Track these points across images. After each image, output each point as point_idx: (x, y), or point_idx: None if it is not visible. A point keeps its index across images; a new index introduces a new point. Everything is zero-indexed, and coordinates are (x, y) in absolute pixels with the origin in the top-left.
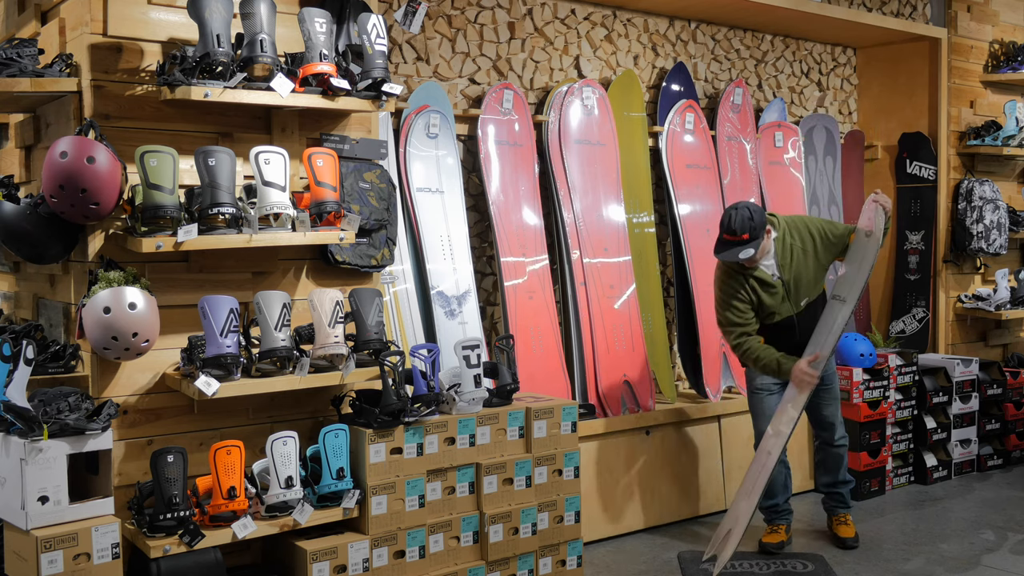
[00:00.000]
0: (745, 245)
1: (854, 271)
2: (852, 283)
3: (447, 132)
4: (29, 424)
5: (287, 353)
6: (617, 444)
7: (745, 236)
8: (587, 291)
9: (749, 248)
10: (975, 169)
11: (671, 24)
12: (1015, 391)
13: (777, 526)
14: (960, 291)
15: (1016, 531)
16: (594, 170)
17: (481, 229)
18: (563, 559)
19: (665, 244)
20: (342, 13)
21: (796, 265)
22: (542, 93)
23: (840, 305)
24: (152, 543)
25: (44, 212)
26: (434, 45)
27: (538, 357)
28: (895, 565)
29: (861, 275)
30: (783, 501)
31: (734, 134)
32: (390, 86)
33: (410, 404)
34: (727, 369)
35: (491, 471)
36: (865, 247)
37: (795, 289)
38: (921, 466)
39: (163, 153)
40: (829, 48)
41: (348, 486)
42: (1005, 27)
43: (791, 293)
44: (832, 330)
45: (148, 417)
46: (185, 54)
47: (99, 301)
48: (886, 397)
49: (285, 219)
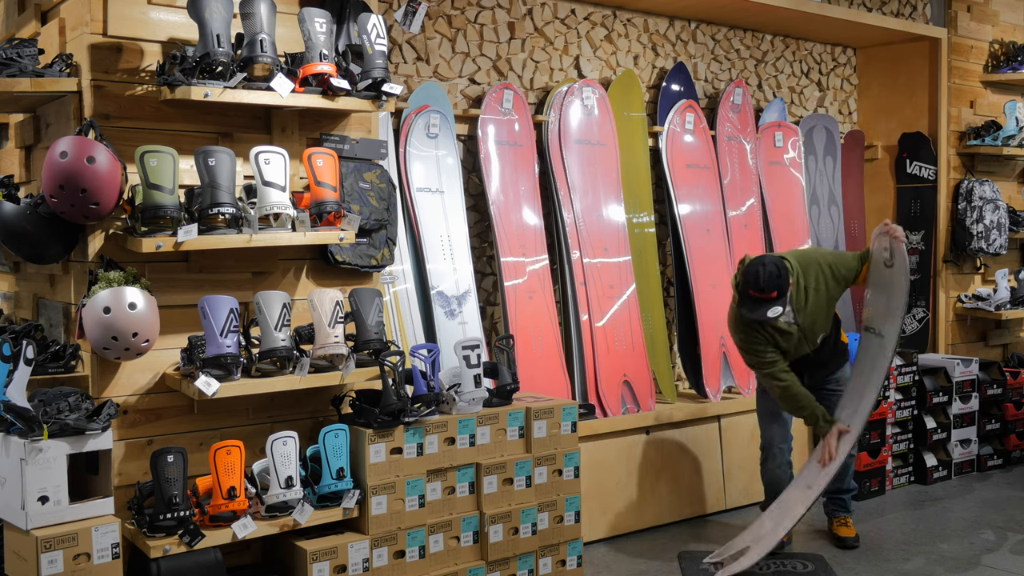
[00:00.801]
0: (774, 303)
1: (883, 299)
2: (884, 314)
3: (447, 132)
4: (29, 424)
5: (287, 353)
6: (617, 444)
7: (774, 294)
8: (587, 291)
9: (777, 306)
10: (975, 169)
11: (671, 24)
12: (1015, 391)
13: None
14: (960, 291)
15: (1016, 531)
16: (594, 170)
17: (481, 229)
18: (563, 559)
19: (665, 244)
20: (342, 13)
21: (811, 307)
22: (542, 93)
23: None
24: (152, 543)
25: (44, 212)
26: (434, 45)
27: (538, 357)
28: (895, 565)
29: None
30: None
31: (734, 134)
32: (390, 86)
33: (410, 404)
34: (727, 369)
35: (491, 471)
36: (891, 278)
37: (810, 330)
38: (921, 466)
39: (163, 153)
40: (829, 48)
41: (348, 486)
42: (1005, 27)
43: (807, 334)
44: (869, 383)
45: (148, 417)
46: (185, 54)
47: (99, 301)
48: (886, 397)
49: (285, 219)
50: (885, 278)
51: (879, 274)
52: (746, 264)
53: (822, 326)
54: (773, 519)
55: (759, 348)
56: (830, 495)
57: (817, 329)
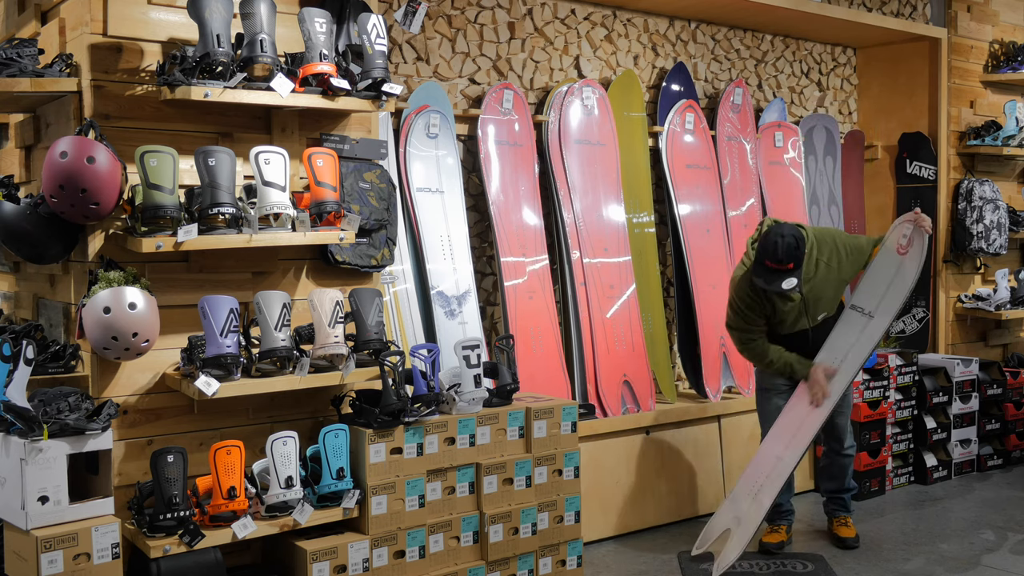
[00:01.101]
0: (790, 274)
1: (881, 285)
2: (880, 297)
3: (447, 132)
4: (29, 424)
5: (287, 353)
6: (617, 444)
7: (791, 265)
8: (587, 291)
9: (793, 278)
10: (975, 169)
11: (671, 24)
12: (1015, 391)
13: (778, 526)
14: (960, 291)
15: (1016, 531)
16: (594, 170)
17: (481, 229)
18: (563, 559)
19: (665, 244)
20: (342, 13)
21: (819, 280)
22: (542, 93)
23: (861, 319)
24: (152, 543)
25: (44, 212)
26: (434, 45)
27: (538, 357)
28: (895, 565)
29: (895, 294)
30: (786, 501)
31: (734, 134)
32: (390, 86)
33: (410, 404)
34: (727, 369)
35: (491, 471)
36: (900, 266)
37: (813, 304)
38: (921, 466)
39: (163, 153)
40: (829, 48)
41: (348, 486)
42: (1005, 27)
43: (809, 307)
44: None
45: (148, 417)
46: (185, 54)
47: (99, 301)
48: (886, 397)
49: (285, 219)
50: (892, 263)
51: (887, 259)
52: (764, 231)
53: (827, 305)
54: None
55: (750, 315)
56: (830, 495)
57: (821, 307)
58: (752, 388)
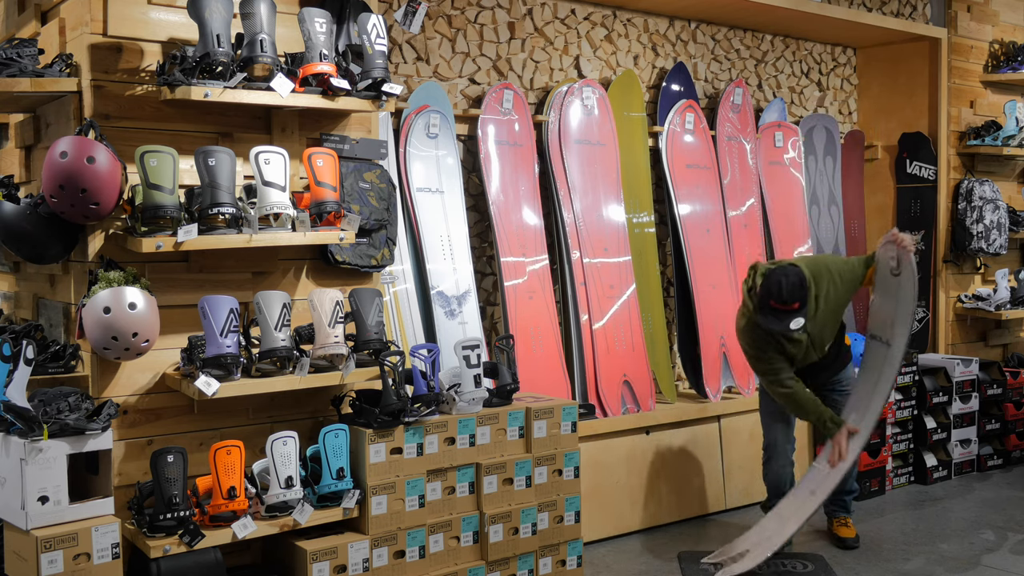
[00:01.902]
0: (795, 315)
1: (889, 307)
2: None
3: (447, 132)
4: (29, 424)
5: (287, 353)
6: (617, 444)
7: (796, 305)
8: (587, 291)
9: (800, 317)
10: (975, 169)
11: (671, 24)
12: (1015, 391)
13: None
14: (960, 291)
15: (1016, 531)
16: (594, 170)
17: (481, 229)
18: (563, 559)
19: (665, 244)
20: (342, 13)
21: (821, 315)
22: (542, 93)
23: (881, 347)
24: (152, 543)
25: (44, 212)
26: (434, 45)
27: (538, 357)
28: (895, 565)
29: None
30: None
31: (734, 134)
32: (390, 86)
33: (410, 404)
34: (727, 369)
35: (491, 471)
36: (899, 287)
37: (819, 337)
38: (921, 466)
39: (163, 153)
40: (829, 48)
41: (348, 486)
42: (1005, 27)
43: (815, 342)
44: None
45: (148, 417)
46: (185, 54)
47: (99, 301)
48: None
49: (285, 219)
50: (892, 285)
51: (886, 281)
52: (765, 273)
53: (830, 334)
54: (776, 523)
55: (769, 355)
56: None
57: (826, 337)
58: (752, 388)
